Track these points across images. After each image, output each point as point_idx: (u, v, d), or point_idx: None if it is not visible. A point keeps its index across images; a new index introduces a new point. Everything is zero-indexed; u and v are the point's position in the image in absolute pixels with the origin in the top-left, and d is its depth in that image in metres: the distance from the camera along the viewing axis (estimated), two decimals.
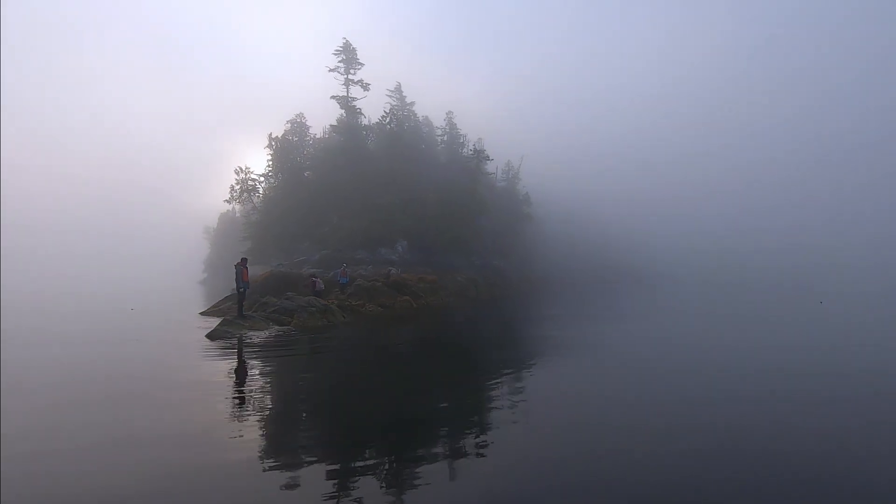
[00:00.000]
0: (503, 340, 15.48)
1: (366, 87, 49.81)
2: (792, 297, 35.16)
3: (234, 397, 7.97)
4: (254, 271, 47.48)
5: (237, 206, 75.78)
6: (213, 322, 17.75)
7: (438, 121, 64.19)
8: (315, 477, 4.94)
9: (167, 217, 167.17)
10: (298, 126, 55.39)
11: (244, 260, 16.13)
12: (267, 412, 7.24)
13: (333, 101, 50.89)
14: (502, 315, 24.81)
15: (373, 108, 53.10)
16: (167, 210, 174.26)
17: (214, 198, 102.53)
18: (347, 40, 49.25)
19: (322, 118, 58.52)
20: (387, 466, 5.30)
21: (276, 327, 15.54)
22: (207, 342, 13.19)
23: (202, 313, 21.86)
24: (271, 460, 5.29)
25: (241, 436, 6.04)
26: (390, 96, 56.46)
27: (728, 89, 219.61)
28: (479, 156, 48.75)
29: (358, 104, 51.12)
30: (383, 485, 4.80)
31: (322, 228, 44.98)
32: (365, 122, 51.72)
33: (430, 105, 65.75)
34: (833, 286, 37.89)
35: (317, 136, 56.67)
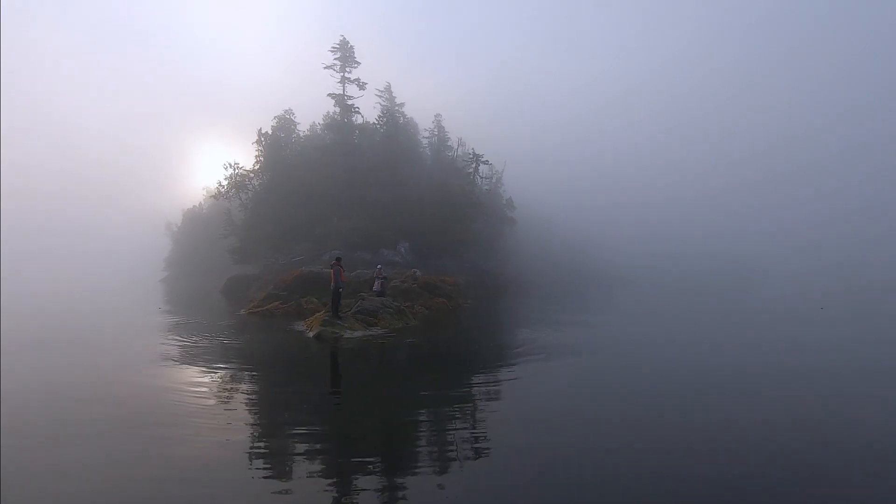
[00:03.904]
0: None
1: (362, 86, 49.30)
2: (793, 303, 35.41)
3: None
4: (249, 270, 45.76)
5: (204, 203, 72.55)
6: (277, 322, 17.29)
7: (422, 121, 64.36)
8: None
9: (116, 213, 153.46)
10: (286, 122, 53.82)
11: (339, 260, 15.77)
12: None
13: (310, 98, 50.84)
14: (552, 314, 25.39)
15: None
16: (117, 206, 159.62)
17: (175, 194, 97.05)
18: (345, 37, 48.53)
19: (302, 114, 57.36)
20: None
21: (370, 329, 15.42)
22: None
23: (248, 311, 21.19)
24: None
25: None
26: (380, 96, 56.02)
27: (707, 85, 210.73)
28: (477, 159, 49.48)
29: (352, 102, 50.57)
30: None
31: (320, 228, 43.96)
32: (360, 120, 51.18)
33: (413, 106, 65.51)
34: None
35: (305, 134, 55.42)
